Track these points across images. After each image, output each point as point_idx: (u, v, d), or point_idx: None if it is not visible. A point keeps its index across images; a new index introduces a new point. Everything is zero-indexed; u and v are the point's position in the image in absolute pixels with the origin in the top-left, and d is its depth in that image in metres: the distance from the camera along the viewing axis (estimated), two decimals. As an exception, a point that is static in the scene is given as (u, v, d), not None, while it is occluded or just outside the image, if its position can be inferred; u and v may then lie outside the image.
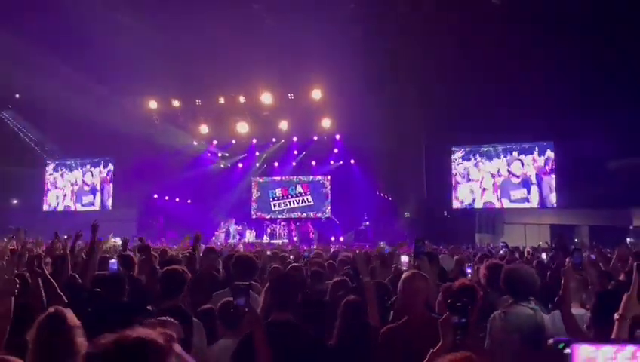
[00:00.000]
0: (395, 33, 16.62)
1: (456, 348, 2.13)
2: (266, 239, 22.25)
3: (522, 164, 21.79)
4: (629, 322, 2.09)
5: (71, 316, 2.60)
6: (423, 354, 2.63)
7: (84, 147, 25.23)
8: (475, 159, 22.58)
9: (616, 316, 2.11)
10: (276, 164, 25.41)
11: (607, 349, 0.75)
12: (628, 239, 18.70)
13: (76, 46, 18.17)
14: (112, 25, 17.78)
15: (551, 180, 21.32)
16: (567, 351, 0.75)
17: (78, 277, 4.94)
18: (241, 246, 15.72)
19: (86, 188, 26.92)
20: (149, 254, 5.52)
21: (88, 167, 27.12)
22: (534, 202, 21.46)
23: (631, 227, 19.86)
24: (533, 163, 21.67)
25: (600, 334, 2.68)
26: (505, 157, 22.06)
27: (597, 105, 17.42)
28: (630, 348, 0.75)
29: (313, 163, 24.93)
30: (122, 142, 22.51)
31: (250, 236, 22.95)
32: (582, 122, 17.76)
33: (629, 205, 19.61)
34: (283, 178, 25.34)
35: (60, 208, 27.00)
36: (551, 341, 0.76)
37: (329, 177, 24.57)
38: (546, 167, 21.43)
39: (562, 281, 3.63)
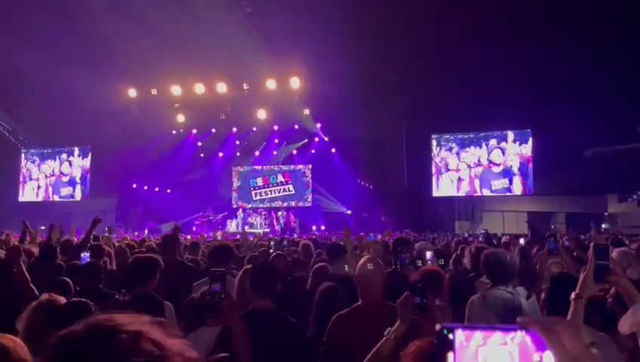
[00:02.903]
0: (374, 21, 16.56)
1: (413, 328, 2.22)
2: (247, 229, 22.16)
3: (502, 153, 22.01)
4: (585, 302, 2.11)
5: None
6: (377, 336, 2.64)
7: (60, 136, 24.70)
8: (456, 147, 22.73)
9: (572, 296, 2.13)
10: (257, 152, 25.26)
11: (477, 335, 0.75)
12: (603, 225, 19.15)
13: (52, 31, 17.73)
14: (89, 11, 17.39)
15: (529, 167, 21.59)
16: (451, 336, 0.74)
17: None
18: (219, 235, 15.61)
19: (64, 178, 26.41)
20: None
21: (65, 156, 26.58)
22: (517, 192, 21.69)
23: (606, 213, 20.31)
24: (513, 150, 21.88)
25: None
26: (485, 143, 22.23)
27: (574, 93, 17.66)
28: (498, 334, 0.75)
29: (294, 151, 24.86)
30: (100, 130, 22.11)
31: (231, 226, 22.86)
32: (559, 111, 18.04)
33: (604, 192, 20.04)
34: (264, 167, 25.22)
35: (38, 198, 26.48)
36: (438, 326, 0.75)
37: (310, 166, 24.53)
38: (525, 154, 21.68)
39: (538, 266, 3.70)
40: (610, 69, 16.82)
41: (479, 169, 22.21)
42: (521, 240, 8.40)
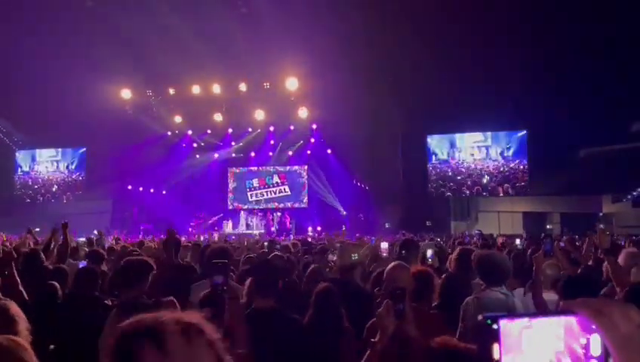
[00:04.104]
0: (371, 23, 16.58)
1: (398, 335, 2.16)
2: (243, 230, 22.07)
3: (498, 153, 22.08)
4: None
5: (14, 307, 2.51)
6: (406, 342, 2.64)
7: (54, 137, 24.60)
8: (450, 148, 22.78)
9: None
10: (253, 153, 25.22)
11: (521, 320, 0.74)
12: (600, 226, 19.22)
13: (47, 33, 17.65)
14: (83, 12, 17.33)
15: (524, 168, 21.67)
16: (495, 326, 0.73)
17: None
18: (216, 236, 15.58)
19: (58, 179, 26.31)
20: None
21: (60, 157, 26.49)
22: (512, 192, 21.75)
23: (601, 214, 20.37)
24: (507, 151, 21.98)
25: None
26: (479, 145, 22.30)
27: (569, 94, 17.73)
28: (553, 319, 0.73)
29: (290, 153, 24.83)
30: (95, 132, 22.03)
31: (227, 227, 22.78)
32: (554, 111, 18.10)
33: (599, 192, 20.11)
34: (260, 168, 25.18)
35: (31, 200, 26.34)
36: (480, 317, 0.73)
37: (306, 167, 24.52)
38: (520, 154, 21.75)
39: (534, 267, 3.70)
40: (605, 69, 16.89)
41: (475, 169, 22.27)
42: (517, 241, 8.46)
